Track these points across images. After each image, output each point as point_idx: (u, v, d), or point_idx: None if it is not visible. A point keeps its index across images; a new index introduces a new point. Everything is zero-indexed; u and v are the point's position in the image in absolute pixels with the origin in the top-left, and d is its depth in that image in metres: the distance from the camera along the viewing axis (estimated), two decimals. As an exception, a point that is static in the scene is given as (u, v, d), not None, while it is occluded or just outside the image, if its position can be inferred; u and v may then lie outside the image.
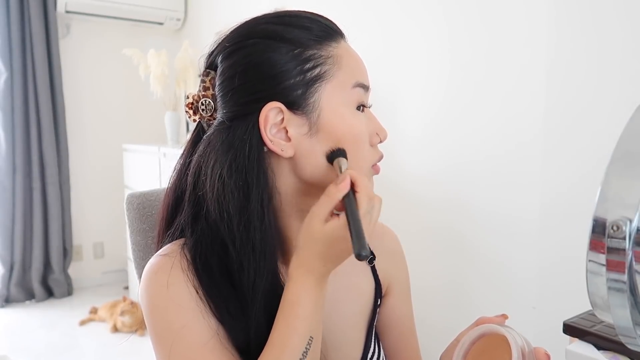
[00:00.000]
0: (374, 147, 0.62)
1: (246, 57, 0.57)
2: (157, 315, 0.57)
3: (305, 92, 0.57)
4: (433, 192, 1.54)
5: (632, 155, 0.36)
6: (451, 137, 1.46)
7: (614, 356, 0.68)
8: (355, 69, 0.60)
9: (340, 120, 0.58)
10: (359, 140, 0.59)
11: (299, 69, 0.56)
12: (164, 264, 0.58)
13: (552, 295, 1.21)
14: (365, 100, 0.61)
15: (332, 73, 0.58)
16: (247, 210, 0.55)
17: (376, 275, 0.73)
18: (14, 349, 2.45)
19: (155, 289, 0.57)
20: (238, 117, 0.57)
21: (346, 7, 1.80)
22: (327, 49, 0.59)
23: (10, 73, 2.91)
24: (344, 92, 0.58)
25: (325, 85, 0.57)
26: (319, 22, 0.60)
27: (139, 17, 3.19)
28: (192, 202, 0.60)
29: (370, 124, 0.61)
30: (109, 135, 3.32)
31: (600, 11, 1.08)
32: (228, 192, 0.55)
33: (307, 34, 0.58)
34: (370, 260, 0.73)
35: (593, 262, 0.37)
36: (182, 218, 0.61)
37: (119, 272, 3.38)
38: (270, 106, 0.56)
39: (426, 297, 1.48)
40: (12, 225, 3.01)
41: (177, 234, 0.62)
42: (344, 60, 0.59)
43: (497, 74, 1.31)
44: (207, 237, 0.58)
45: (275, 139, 0.57)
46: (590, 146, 1.11)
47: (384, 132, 0.63)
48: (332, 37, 0.60)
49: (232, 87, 0.57)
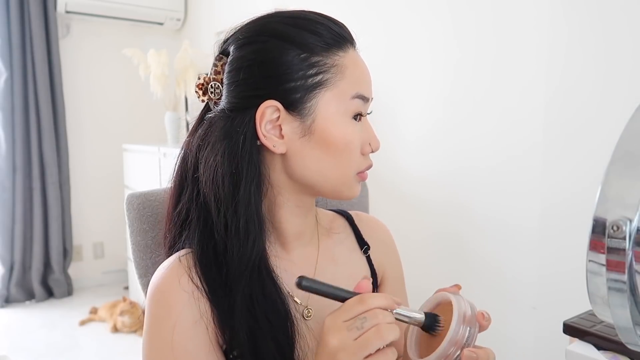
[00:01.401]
0: (365, 155, 0.64)
1: (254, 52, 0.59)
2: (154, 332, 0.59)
3: (303, 96, 0.58)
4: (434, 197, 1.54)
5: (632, 155, 0.36)
6: (453, 142, 1.46)
7: (614, 356, 0.68)
8: (358, 80, 0.61)
9: (333, 128, 0.59)
10: (349, 149, 0.60)
11: (302, 73, 0.58)
12: (166, 280, 0.60)
13: (552, 295, 1.21)
14: (364, 110, 0.63)
15: (333, 82, 0.59)
16: (236, 197, 0.58)
17: (372, 264, 0.76)
18: (14, 349, 2.45)
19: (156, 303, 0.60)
20: (238, 109, 0.60)
21: (349, 9, 1.80)
22: (333, 57, 0.60)
23: (10, 73, 2.91)
24: (343, 101, 0.60)
25: (324, 93, 0.59)
26: (331, 28, 0.61)
27: (139, 17, 3.19)
28: (193, 182, 0.63)
29: (365, 134, 0.63)
30: (109, 135, 3.32)
31: (599, 17, 1.08)
32: (219, 177, 0.58)
33: (317, 40, 0.59)
34: (365, 250, 0.76)
35: (593, 262, 0.37)
36: (185, 197, 0.64)
37: (119, 272, 3.38)
38: (268, 104, 0.58)
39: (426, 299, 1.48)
40: (12, 225, 3.01)
41: (182, 213, 0.64)
42: (348, 70, 0.60)
43: (499, 81, 1.31)
44: (203, 224, 0.61)
45: (269, 134, 0.59)
46: (590, 153, 1.11)
47: (376, 143, 0.64)
48: (341, 45, 0.61)
49: (237, 79, 0.60)
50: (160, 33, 3.39)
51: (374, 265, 0.76)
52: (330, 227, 0.75)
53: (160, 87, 2.66)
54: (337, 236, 0.74)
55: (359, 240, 0.76)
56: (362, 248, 0.76)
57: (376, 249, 0.77)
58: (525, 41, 1.23)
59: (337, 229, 0.75)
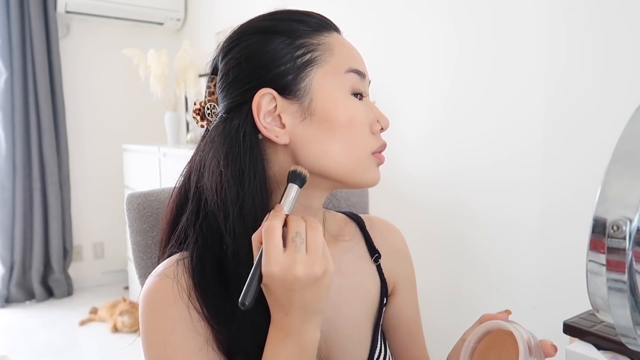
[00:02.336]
0: (375, 134, 0.61)
1: (239, 51, 0.58)
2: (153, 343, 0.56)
3: (296, 77, 0.57)
4: (434, 197, 1.54)
5: (632, 155, 0.36)
6: (453, 142, 1.46)
7: (614, 356, 0.68)
8: (348, 56, 0.60)
9: (333, 104, 0.57)
10: (355, 125, 0.58)
11: (290, 56, 0.57)
12: (160, 286, 0.57)
13: (552, 295, 1.21)
14: (362, 89, 0.60)
15: (323, 59, 0.58)
16: (242, 197, 0.55)
17: (382, 274, 0.72)
18: (14, 349, 2.45)
19: (152, 316, 0.57)
20: (234, 108, 0.58)
21: (349, 9, 1.80)
22: (319, 37, 0.59)
23: (10, 73, 2.91)
24: (337, 77, 0.58)
25: (316, 70, 0.57)
26: (313, 16, 0.60)
27: (139, 17, 3.19)
28: (196, 198, 0.60)
29: (370, 112, 0.60)
30: (109, 135, 3.32)
31: (599, 17, 1.08)
32: (225, 182, 0.56)
33: (300, 25, 0.59)
34: (375, 259, 0.72)
35: (593, 262, 0.37)
36: (186, 216, 0.61)
37: (119, 272, 3.38)
38: (262, 92, 0.56)
39: (427, 299, 1.48)
40: (12, 225, 3.01)
41: (182, 235, 0.61)
42: (336, 48, 0.59)
43: (499, 80, 1.31)
44: (207, 231, 0.58)
45: (270, 126, 0.57)
46: (590, 153, 1.11)
47: (385, 120, 0.61)
48: (326, 28, 0.60)
49: (227, 82, 0.59)
50: (160, 33, 3.39)
51: (385, 274, 0.72)
52: (338, 234, 0.71)
53: (160, 87, 2.66)
54: (346, 244, 0.70)
55: (370, 248, 0.73)
56: (373, 256, 0.72)
57: (388, 257, 0.73)
58: (525, 41, 1.23)
59: (346, 236, 0.72)
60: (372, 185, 0.62)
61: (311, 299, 0.49)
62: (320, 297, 0.49)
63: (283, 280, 0.47)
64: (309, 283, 0.47)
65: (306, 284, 0.47)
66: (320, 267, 0.48)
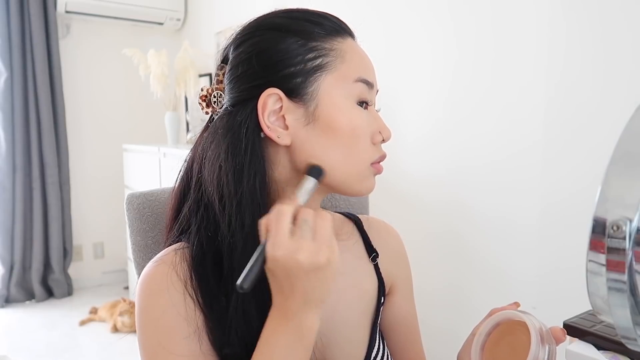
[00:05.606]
0: (376, 145, 0.61)
1: (251, 46, 0.58)
2: (145, 325, 0.57)
3: (304, 80, 0.57)
4: (434, 196, 1.54)
5: (632, 155, 0.36)
6: (453, 142, 1.46)
7: (614, 356, 0.68)
8: (359, 65, 0.60)
9: (337, 112, 0.57)
10: (356, 135, 0.58)
11: (301, 58, 0.57)
12: (156, 273, 0.58)
13: (552, 295, 1.21)
14: (369, 98, 0.61)
15: (334, 65, 0.58)
16: (239, 192, 0.55)
17: (379, 273, 0.73)
18: (14, 349, 2.45)
19: (146, 300, 0.58)
20: (239, 103, 0.58)
21: (349, 9, 1.80)
22: (332, 42, 0.59)
23: (10, 73, 2.90)
24: (345, 85, 0.58)
25: (325, 76, 0.57)
26: (329, 19, 0.60)
27: (139, 17, 3.18)
28: (197, 187, 0.61)
29: (374, 123, 0.61)
30: (109, 135, 3.32)
31: (599, 17, 1.08)
32: (224, 175, 0.56)
33: (315, 27, 0.58)
34: (373, 258, 0.73)
35: (593, 262, 0.37)
36: (187, 205, 0.62)
37: (119, 272, 3.38)
38: (269, 92, 0.56)
39: (427, 299, 1.48)
40: (12, 225, 3.00)
41: (184, 222, 0.62)
42: (348, 55, 0.59)
43: (499, 80, 1.31)
44: (207, 221, 0.59)
45: (273, 126, 0.57)
46: (590, 152, 1.11)
47: (387, 132, 0.62)
48: (340, 33, 0.60)
49: (236, 75, 0.59)
50: (160, 33, 3.39)
51: (382, 274, 0.73)
52: (336, 233, 0.70)
53: (160, 87, 2.66)
54: (343, 243, 0.71)
55: (368, 247, 0.73)
56: (370, 256, 0.73)
57: (385, 257, 0.74)
58: (525, 41, 1.23)
59: (344, 236, 0.72)
60: (365, 194, 0.63)
61: (313, 287, 0.48)
62: (322, 286, 0.49)
63: (285, 264, 0.47)
64: (311, 270, 0.47)
65: (308, 270, 0.47)
66: (324, 256, 0.47)
